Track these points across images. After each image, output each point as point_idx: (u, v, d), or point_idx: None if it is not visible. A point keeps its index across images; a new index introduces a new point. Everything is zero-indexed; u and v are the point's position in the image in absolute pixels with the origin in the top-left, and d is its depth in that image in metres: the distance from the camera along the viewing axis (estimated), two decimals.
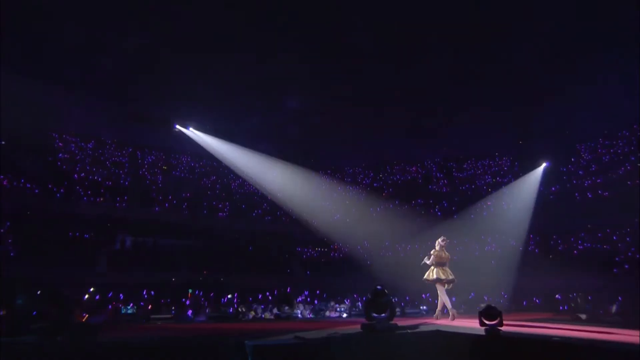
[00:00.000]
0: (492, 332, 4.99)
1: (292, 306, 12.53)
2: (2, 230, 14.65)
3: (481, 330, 5.15)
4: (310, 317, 12.89)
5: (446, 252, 8.66)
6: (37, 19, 13.02)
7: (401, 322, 6.48)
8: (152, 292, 14.58)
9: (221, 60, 15.96)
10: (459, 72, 16.71)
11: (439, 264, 8.45)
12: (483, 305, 5.42)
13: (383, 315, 5.57)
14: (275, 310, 12.43)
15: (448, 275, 8.44)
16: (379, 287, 5.74)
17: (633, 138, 18.12)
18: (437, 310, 8.79)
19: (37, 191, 16.48)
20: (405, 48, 15.56)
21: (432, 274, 8.48)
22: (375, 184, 24.46)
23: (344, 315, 13.30)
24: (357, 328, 5.56)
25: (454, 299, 15.32)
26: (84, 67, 15.44)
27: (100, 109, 18.80)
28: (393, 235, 19.14)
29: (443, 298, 8.44)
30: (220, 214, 20.07)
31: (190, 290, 15.40)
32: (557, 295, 14.32)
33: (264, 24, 14.15)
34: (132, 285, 14.83)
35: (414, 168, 24.56)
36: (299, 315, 12.73)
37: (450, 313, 8.23)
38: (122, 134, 21.70)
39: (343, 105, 19.26)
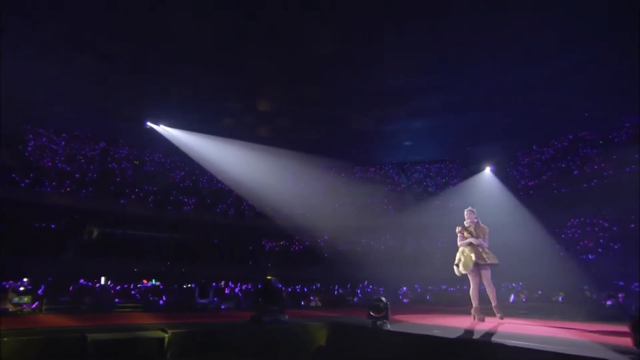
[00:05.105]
0: (377, 326, 5.07)
1: (206, 297, 12.92)
2: None
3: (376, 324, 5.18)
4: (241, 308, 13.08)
5: (479, 225, 6.02)
6: (20, 16, 13.57)
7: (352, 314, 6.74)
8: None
9: (193, 63, 16.88)
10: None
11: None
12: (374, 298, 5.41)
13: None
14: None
15: (473, 257, 5.74)
16: (269, 277, 5.54)
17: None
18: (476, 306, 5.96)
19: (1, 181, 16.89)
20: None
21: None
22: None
23: None
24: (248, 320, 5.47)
25: (403, 288, 16.60)
26: (64, 65, 16.02)
27: (76, 105, 19.37)
28: (357, 228, 20.41)
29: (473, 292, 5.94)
30: (185, 207, 20.90)
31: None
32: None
33: (235, 30, 15.13)
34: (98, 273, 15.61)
35: (372, 169, 26.15)
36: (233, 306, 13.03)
37: (497, 313, 5.84)
38: (95, 129, 22.36)
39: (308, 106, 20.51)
